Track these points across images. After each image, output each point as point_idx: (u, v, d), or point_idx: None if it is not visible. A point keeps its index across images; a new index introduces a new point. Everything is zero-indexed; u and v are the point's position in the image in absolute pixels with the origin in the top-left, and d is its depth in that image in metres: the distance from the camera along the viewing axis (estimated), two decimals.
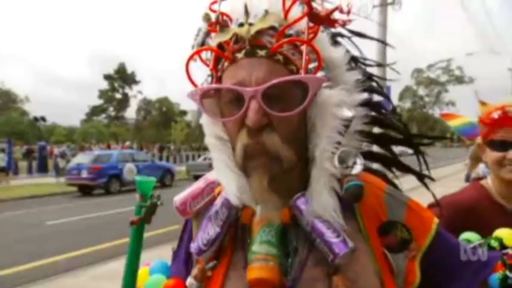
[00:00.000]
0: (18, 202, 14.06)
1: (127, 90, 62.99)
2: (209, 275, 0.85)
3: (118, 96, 62.83)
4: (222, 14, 0.87)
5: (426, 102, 72.30)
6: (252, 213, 0.85)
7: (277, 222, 0.82)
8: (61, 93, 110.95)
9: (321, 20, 0.85)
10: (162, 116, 59.63)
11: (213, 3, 0.89)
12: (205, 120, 0.91)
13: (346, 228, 0.81)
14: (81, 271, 6.09)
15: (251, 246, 0.82)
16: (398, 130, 1.06)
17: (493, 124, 1.56)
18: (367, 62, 1.05)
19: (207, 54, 0.91)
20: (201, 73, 0.94)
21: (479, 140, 1.67)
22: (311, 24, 0.83)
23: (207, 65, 0.90)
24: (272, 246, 0.80)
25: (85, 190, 15.79)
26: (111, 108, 63.25)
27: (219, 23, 0.86)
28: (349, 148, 0.84)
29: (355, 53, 1.02)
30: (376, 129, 1.04)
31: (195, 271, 0.86)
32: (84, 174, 15.40)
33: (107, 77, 61.99)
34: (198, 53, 0.89)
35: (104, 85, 62.20)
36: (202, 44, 0.92)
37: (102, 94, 62.29)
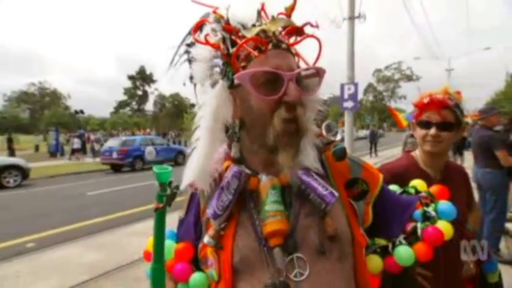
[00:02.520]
0: (64, 177, 14.04)
1: (146, 87, 62.09)
2: (221, 234, 0.82)
3: (139, 92, 62.01)
4: (222, 17, 0.84)
5: (384, 96, 72.09)
6: (258, 181, 0.82)
7: (278, 185, 0.81)
8: (95, 91, 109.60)
9: (299, 32, 0.84)
10: (175, 108, 58.94)
11: (216, 8, 0.85)
12: (211, 108, 0.82)
13: (326, 184, 0.81)
14: (115, 230, 6.14)
15: (263, 206, 0.79)
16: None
17: (421, 107, 1.53)
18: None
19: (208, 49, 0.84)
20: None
21: (409, 121, 1.64)
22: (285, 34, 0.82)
23: (227, 58, 0.81)
24: (279, 204, 0.79)
25: (115, 168, 15.74)
26: (133, 103, 62.45)
27: (229, 23, 0.83)
28: (332, 121, 0.94)
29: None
30: None
31: (211, 232, 0.83)
32: (115, 155, 15.32)
33: (130, 77, 61.01)
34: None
35: (128, 84, 61.41)
36: (224, 39, 0.82)
37: (127, 91, 61.49)
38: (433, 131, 1.48)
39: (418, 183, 1.18)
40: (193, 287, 0.87)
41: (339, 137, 1.01)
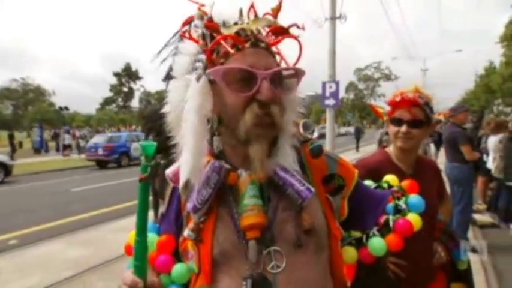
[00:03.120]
0: (49, 174, 13.71)
1: (132, 84, 60.79)
2: (201, 227, 0.82)
3: (125, 89, 60.57)
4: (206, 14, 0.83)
5: (364, 94, 73.18)
6: (237, 176, 0.82)
7: (257, 180, 0.81)
8: (80, 87, 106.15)
9: (283, 32, 0.84)
10: (161, 105, 58.09)
11: (201, 5, 0.84)
12: (195, 103, 0.79)
13: (303, 180, 0.81)
14: (100, 226, 6.04)
15: (242, 200, 0.79)
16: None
17: (394, 105, 1.56)
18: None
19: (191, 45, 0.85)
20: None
21: (386, 117, 1.67)
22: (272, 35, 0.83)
23: (205, 53, 0.82)
24: (257, 198, 0.79)
25: (101, 164, 15.43)
26: (119, 99, 61.02)
27: (212, 21, 0.82)
28: (309, 120, 0.87)
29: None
30: None
31: (191, 225, 0.83)
32: (100, 151, 15.04)
33: (116, 74, 59.55)
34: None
35: (114, 80, 59.81)
36: (204, 35, 0.83)
37: (112, 88, 60.00)
38: (404, 128, 1.51)
39: (390, 178, 1.21)
40: (175, 277, 0.87)
41: (316, 135, 1.01)
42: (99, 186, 10.36)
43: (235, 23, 0.82)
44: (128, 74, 59.62)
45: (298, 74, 0.82)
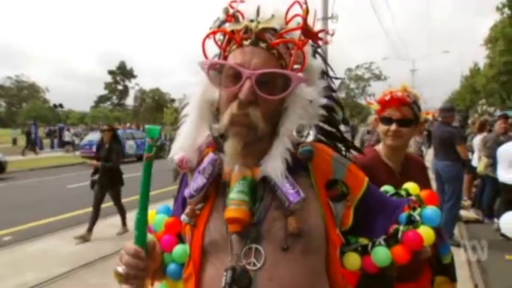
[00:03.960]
0: (45, 171, 13.55)
1: (127, 82, 60.31)
2: (197, 213, 0.84)
3: (119, 87, 60.15)
4: (238, 11, 0.84)
5: (355, 93, 73.68)
6: (231, 170, 0.83)
7: (249, 176, 0.81)
8: (75, 85, 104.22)
9: (311, 35, 0.84)
10: (155, 103, 57.70)
11: (233, 1, 0.85)
12: (201, 88, 0.85)
13: (299, 183, 0.80)
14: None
15: (229, 194, 0.80)
16: (338, 130, 1.00)
17: (383, 104, 1.55)
18: (331, 75, 0.98)
19: (219, 37, 0.87)
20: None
21: (375, 115, 1.64)
22: (302, 36, 0.82)
23: (218, 45, 0.86)
24: (245, 194, 0.79)
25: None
26: (114, 97, 60.53)
27: (235, 17, 0.83)
28: (305, 123, 0.83)
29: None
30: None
31: (187, 210, 0.86)
32: (94, 148, 14.97)
33: (111, 72, 59.02)
34: (215, 32, 0.84)
35: (108, 78, 59.31)
36: (219, 28, 0.86)
37: (107, 86, 59.42)
38: (393, 126, 1.51)
39: (410, 186, 1.11)
40: (175, 256, 0.91)
41: (310, 138, 0.98)
42: None
43: (251, 20, 0.81)
44: (123, 72, 59.11)
45: (288, 77, 0.79)
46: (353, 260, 0.93)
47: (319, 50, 0.93)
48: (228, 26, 0.83)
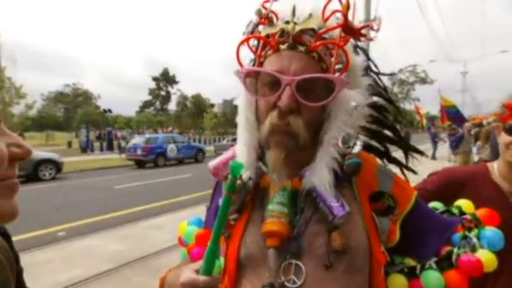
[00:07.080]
0: (93, 172, 14.38)
1: (169, 88, 62.92)
2: (232, 223, 0.80)
3: (162, 93, 62.71)
4: (272, 11, 0.79)
5: (399, 97, 70.55)
6: (270, 180, 0.79)
7: (289, 187, 0.77)
8: (122, 91, 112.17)
9: (353, 32, 0.77)
10: (196, 108, 59.50)
11: (265, 1, 0.81)
12: (241, 101, 0.82)
13: (342, 195, 0.75)
14: (137, 223, 6.18)
15: (268, 205, 0.76)
16: (392, 131, 0.95)
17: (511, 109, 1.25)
18: (376, 71, 0.93)
19: (253, 42, 0.83)
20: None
21: (497, 123, 1.39)
22: (343, 34, 0.76)
23: (253, 51, 0.82)
24: (284, 206, 0.75)
25: (139, 164, 15.99)
26: (157, 103, 63.24)
27: (269, 18, 0.78)
28: (351, 132, 0.77)
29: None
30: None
31: None
32: (139, 152, 15.58)
33: (154, 79, 61.83)
34: (249, 39, 0.80)
35: (152, 85, 62.17)
36: (252, 33, 0.82)
37: (151, 92, 62.37)
38: None
39: (463, 203, 1.00)
40: None
41: (357, 149, 0.88)
42: (138, 185, 10.70)
43: (287, 22, 0.76)
44: (166, 78, 61.71)
45: (331, 82, 0.73)
46: (399, 283, 0.83)
47: (360, 44, 0.85)
48: (262, 29, 0.79)
